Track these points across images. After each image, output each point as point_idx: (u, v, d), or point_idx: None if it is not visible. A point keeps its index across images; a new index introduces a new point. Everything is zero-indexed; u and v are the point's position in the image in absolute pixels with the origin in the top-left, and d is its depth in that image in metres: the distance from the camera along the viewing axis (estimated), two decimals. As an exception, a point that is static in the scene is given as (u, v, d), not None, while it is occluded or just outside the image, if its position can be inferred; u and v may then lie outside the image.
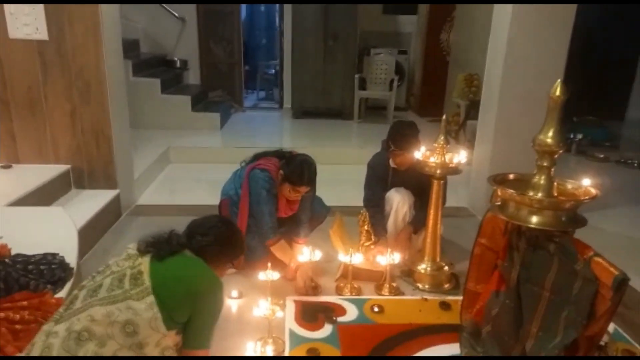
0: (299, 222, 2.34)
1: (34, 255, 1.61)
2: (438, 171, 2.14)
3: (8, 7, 2.63)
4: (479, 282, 1.64)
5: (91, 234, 2.58)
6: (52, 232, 2.01)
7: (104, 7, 2.74)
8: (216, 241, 1.47)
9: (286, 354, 1.74)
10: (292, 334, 1.84)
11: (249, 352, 1.65)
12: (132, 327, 1.17)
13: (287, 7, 6.39)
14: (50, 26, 2.69)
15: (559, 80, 1.40)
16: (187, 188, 3.95)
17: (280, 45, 6.88)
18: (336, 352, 1.75)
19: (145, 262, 1.30)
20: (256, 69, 8.29)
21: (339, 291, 2.18)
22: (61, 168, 2.86)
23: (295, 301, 2.06)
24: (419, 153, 2.19)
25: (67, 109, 2.84)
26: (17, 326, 1.23)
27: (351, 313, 2.00)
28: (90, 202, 2.78)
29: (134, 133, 3.56)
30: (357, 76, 6.03)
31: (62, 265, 1.61)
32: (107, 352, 1.13)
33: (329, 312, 1.98)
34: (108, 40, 2.80)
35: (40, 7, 2.65)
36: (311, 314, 1.97)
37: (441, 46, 6.49)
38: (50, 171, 2.78)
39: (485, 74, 3.26)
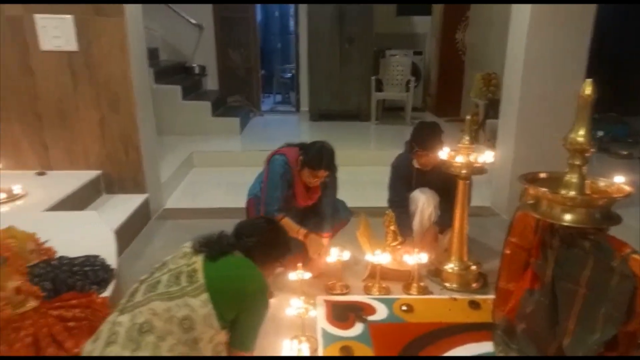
0: (323, 216, 2.38)
1: (77, 258, 1.67)
2: (464, 171, 2.16)
3: (40, 20, 2.72)
4: (510, 281, 1.66)
5: (123, 237, 2.64)
6: (89, 235, 2.08)
7: (129, 19, 2.81)
8: (261, 241, 1.52)
9: (320, 352, 1.78)
10: (325, 333, 1.88)
11: (285, 351, 1.69)
12: (188, 323, 1.23)
13: (303, 12, 6.45)
14: (80, 38, 2.78)
15: (588, 79, 1.42)
16: (211, 191, 4.01)
17: (296, 49, 6.94)
18: (369, 351, 1.78)
19: (199, 261, 1.35)
20: (272, 73, 8.37)
21: (367, 291, 2.21)
22: (92, 174, 2.94)
23: (325, 301, 2.10)
24: (443, 153, 2.21)
25: (96, 118, 2.92)
26: (70, 323, 1.29)
27: (381, 312, 2.03)
28: (122, 207, 2.85)
29: (157, 139, 3.65)
30: (373, 78, 6.06)
31: (104, 267, 1.67)
32: (165, 346, 1.19)
33: (358, 311, 2.01)
34: (133, 50, 2.88)
35: (70, 19, 2.73)
36: (342, 313, 2.00)
37: (457, 46, 6.49)
38: (82, 177, 2.86)
39: (505, 74, 3.27)
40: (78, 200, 2.71)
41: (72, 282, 1.53)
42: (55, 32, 2.77)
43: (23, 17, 2.70)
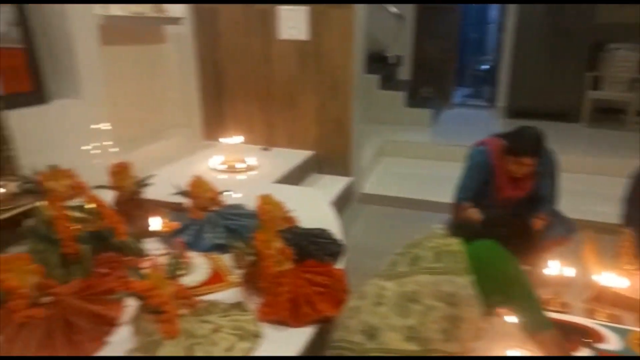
0: (535, 209, 2.20)
1: (312, 229, 1.84)
2: None
3: (282, 12, 3.05)
4: None
5: (331, 216, 2.86)
6: (313, 210, 2.27)
7: (358, 14, 2.97)
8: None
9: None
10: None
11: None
12: (453, 300, 1.26)
13: (512, 0, 6.00)
14: (312, 28, 3.04)
15: None
16: (402, 181, 4.07)
17: (499, 40, 6.52)
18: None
19: (457, 243, 1.38)
20: (465, 65, 8.04)
21: (591, 314, 1.98)
22: (307, 154, 3.23)
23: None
24: None
25: (317, 103, 3.19)
26: (317, 288, 1.43)
27: (613, 342, 1.79)
28: (331, 187, 3.08)
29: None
30: (588, 75, 5.35)
31: (335, 241, 1.82)
32: (431, 316, 1.23)
33: (584, 335, 1.81)
34: (356, 43, 3.04)
35: (305, 10, 3.00)
36: (564, 334, 1.83)
37: None
38: (299, 156, 3.17)
39: None
40: (295, 177, 3.00)
41: (311, 251, 1.70)
42: (292, 22, 3.08)
43: (270, 10, 3.07)
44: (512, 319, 1.83)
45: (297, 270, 1.47)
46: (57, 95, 2.22)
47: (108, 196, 1.80)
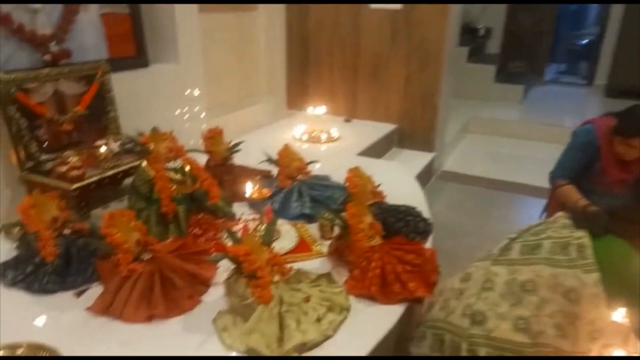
0: None
1: (399, 205, 1.78)
2: None
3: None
4: None
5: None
6: (398, 185, 2.20)
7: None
8: None
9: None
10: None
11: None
12: (575, 296, 1.18)
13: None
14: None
15: None
16: (486, 160, 3.86)
17: (601, 12, 5.88)
18: None
19: (586, 237, 1.28)
20: (561, 39, 7.38)
21: None
22: (389, 127, 3.14)
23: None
24: None
25: (403, 75, 3.06)
26: (407, 267, 1.38)
27: None
28: (411, 162, 2.98)
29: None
30: None
31: (423, 219, 1.74)
32: (547, 310, 1.16)
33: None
34: (451, 15, 2.85)
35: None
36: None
37: None
38: (381, 129, 3.08)
39: None
40: (377, 150, 2.93)
41: (398, 228, 1.64)
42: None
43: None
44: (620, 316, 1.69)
45: (387, 247, 1.43)
46: (157, 60, 2.31)
47: (200, 160, 1.85)
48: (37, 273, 1.29)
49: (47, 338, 1.06)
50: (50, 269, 1.29)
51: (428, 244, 1.65)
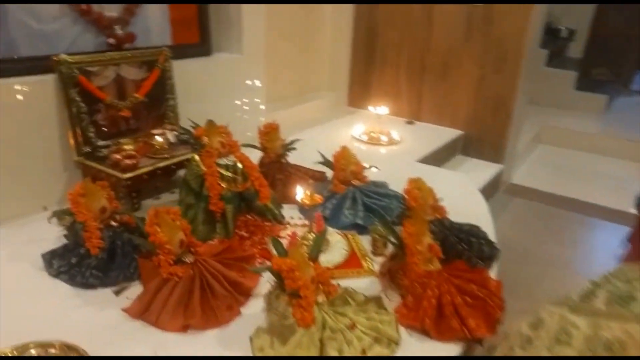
0: None
1: (463, 224, 1.62)
2: None
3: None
4: None
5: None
6: (461, 199, 2.02)
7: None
8: None
9: None
10: None
11: None
12: None
13: None
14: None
15: None
16: (558, 175, 3.55)
17: None
18: None
19: None
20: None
21: None
22: (455, 133, 2.94)
23: None
24: None
25: (476, 76, 2.84)
26: (468, 299, 1.23)
27: None
28: (475, 173, 2.77)
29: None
30: None
31: (488, 242, 1.57)
32: None
33: None
34: (535, 12, 2.59)
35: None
36: None
37: None
38: (446, 134, 2.89)
39: None
40: (440, 157, 2.75)
41: (460, 250, 1.49)
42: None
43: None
44: None
45: (446, 273, 1.28)
46: (219, 49, 2.26)
47: (253, 155, 1.78)
48: (81, 265, 1.27)
49: (79, 336, 1.02)
50: (93, 262, 1.26)
51: (492, 273, 1.48)
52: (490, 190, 2.85)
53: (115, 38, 1.77)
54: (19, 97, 1.53)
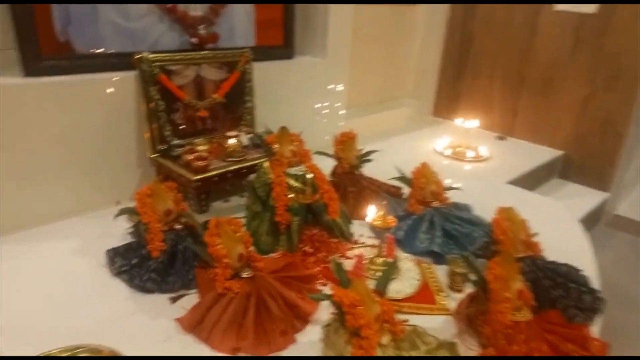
0: None
1: (560, 265, 1.38)
2: None
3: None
4: None
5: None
6: (558, 232, 1.76)
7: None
8: None
9: None
10: None
11: None
12: None
13: None
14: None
15: None
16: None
17: None
18: None
19: None
20: None
21: None
22: (553, 153, 2.63)
23: None
24: None
25: (582, 93, 2.53)
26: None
27: None
28: (576, 199, 2.46)
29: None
30: None
31: (591, 290, 1.33)
32: None
33: None
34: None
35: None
36: None
37: None
38: (542, 154, 2.61)
39: None
40: (533, 180, 2.47)
41: (555, 297, 1.27)
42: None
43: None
44: None
45: (537, 326, 1.09)
46: (302, 52, 2.19)
47: (326, 164, 1.68)
48: (141, 266, 1.24)
49: (129, 345, 0.98)
50: (153, 264, 1.23)
51: (595, 328, 1.25)
52: (590, 221, 2.52)
53: (199, 37, 1.75)
54: (105, 91, 1.56)
